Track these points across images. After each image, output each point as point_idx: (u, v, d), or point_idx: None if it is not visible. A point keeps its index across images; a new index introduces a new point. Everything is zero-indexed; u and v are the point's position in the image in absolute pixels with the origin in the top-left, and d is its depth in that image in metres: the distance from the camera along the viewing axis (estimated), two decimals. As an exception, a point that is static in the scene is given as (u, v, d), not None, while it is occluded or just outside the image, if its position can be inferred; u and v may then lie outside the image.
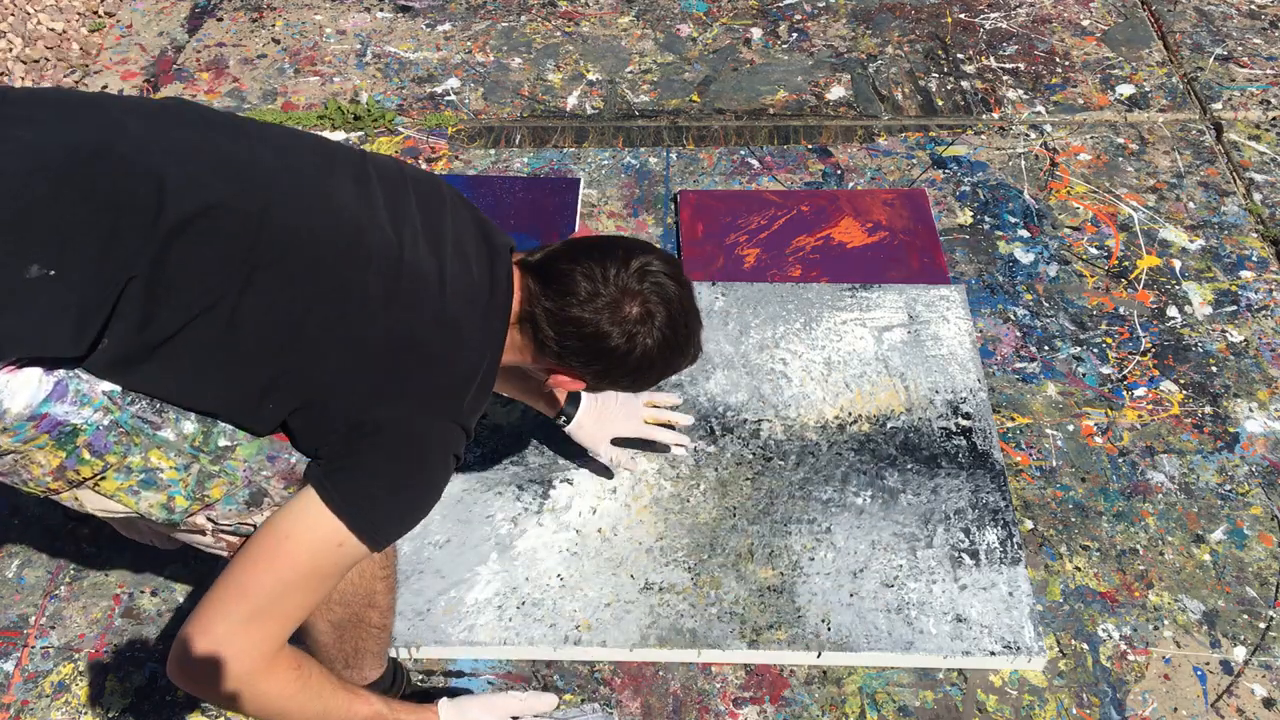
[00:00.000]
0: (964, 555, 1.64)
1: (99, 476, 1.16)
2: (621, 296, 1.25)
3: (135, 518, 1.21)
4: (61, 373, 1.11)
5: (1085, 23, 2.78)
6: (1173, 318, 2.05)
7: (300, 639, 1.28)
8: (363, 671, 1.40)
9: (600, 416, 1.67)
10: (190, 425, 1.19)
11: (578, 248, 1.30)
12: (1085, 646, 1.59)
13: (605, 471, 1.75)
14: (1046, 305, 2.07)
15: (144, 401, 1.16)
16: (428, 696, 1.45)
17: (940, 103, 2.55)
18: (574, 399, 1.65)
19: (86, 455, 1.14)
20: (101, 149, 1.12)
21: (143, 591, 1.66)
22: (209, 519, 1.23)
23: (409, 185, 1.30)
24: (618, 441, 1.69)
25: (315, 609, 1.23)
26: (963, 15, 2.82)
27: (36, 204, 1.07)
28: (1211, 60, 2.64)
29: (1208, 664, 1.57)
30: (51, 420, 1.11)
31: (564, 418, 1.65)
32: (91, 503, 1.19)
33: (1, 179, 1.07)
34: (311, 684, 1.21)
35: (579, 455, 1.75)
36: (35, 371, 1.09)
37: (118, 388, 1.15)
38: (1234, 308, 2.07)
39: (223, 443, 1.21)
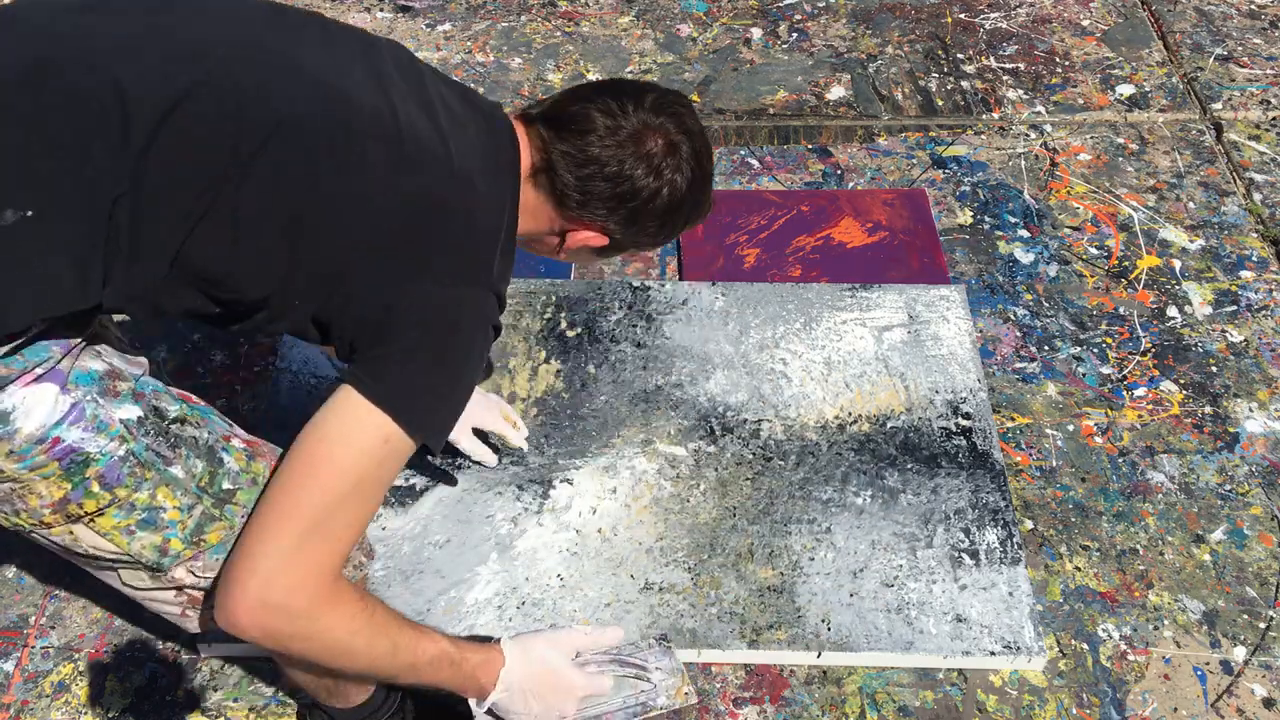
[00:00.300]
0: (964, 555, 1.64)
1: (99, 512, 1.06)
2: (643, 130, 1.18)
3: (120, 560, 1.12)
4: (79, 394, 1.03)
5: (1085, 23, 2.79)
6: (1173, 318, 2.05)
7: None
8: (347, 697, 1.34)
9: None
10: (199, 464, 1.11)
11: (585, 88, 1.23)
12: (1085, 646, 1.59)
13: (605, 472, 1.75)
14: (1046, 305, 2.07)
15: (155, 433, 1.08)
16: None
17: (940, 103, 2.55)
18: None
19: (95, 488, 1.05)
20: (39, 64, 1.00)
21: (143, 591, 1.66)
22: (190, 570, 1.13)
23: (380, 48, 1.19)
24: (478, 433, 1.67)
25: (365, 528, 1.13)
26: (963, 15, 2.82)
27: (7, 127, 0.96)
28: (1211, 60, 2.64)
29: (1208, 664, 1.57)
30: (64, 446, 1.02)
31: None
32: (86, 541, 1.08)
33: None
34: (378, 618, 1.11)
35: (580, 455, 1.75)
36: (52, 389, 1.01)
37: (134, 415, 1.06)
38: (1234, 308, 2.07)
39: (226, 485, 1.12)
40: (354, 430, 1.06)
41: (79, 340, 1.06)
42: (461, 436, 1.64)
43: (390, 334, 1.08)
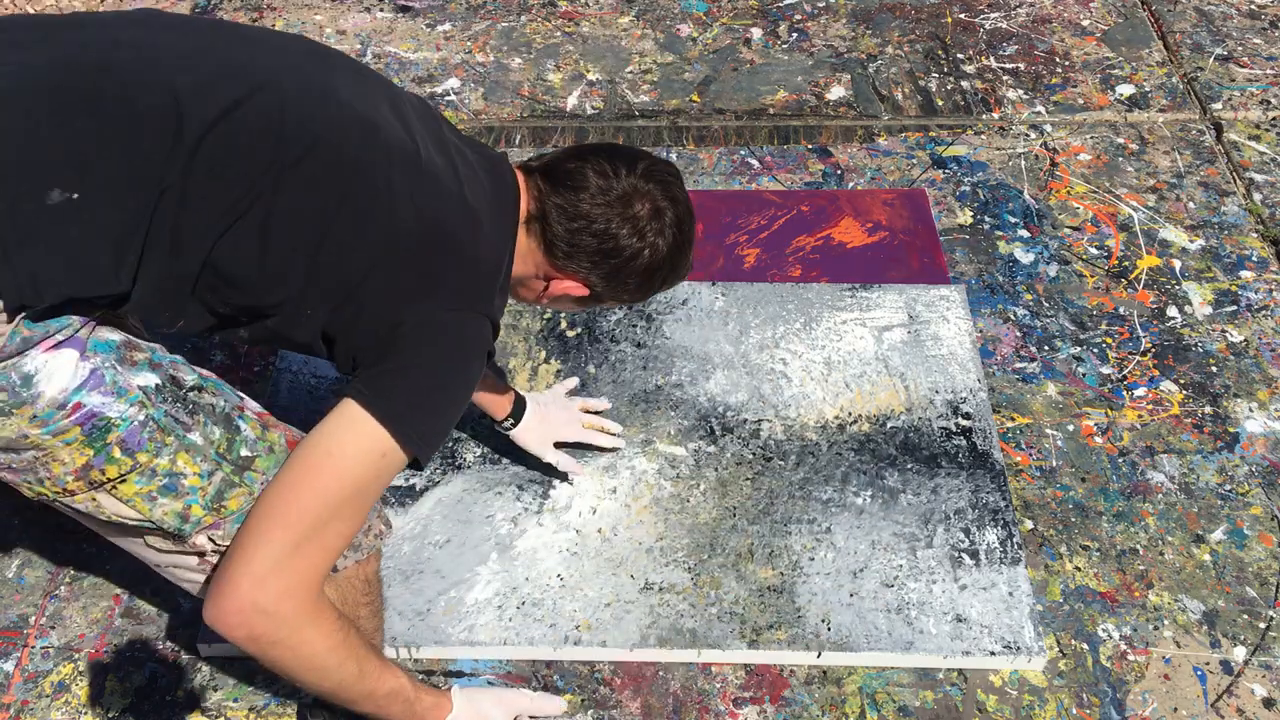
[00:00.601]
0: (964, 555, 1.64)
1: (121, 479, 1.10)
2: (632, 193, 1.25)
3: (143, 526, 1.16)
4: (98, 360, 1.07)
5: (1085, 23, 2.79)
6: (1173, 318, 2.05)
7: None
8: None
9: (544, 421, 1.69)
10: (217, 430, 1.15)
11: (584, 148, 1.31)
12: (1085, 646, 1.59)
13: (605, 472, 1.75)
14: (1046, 305, 2.07)
15: (173, 400, 1.12)
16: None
17: (940, 103, 2.55)
18: (519, 407, 1.66)
19: (117, 453, 1.09)
20: (100, 63, 1.07)
21: (143, 591, 1.65)
22: (210, 538, 1.18)
23: (403, 95, 1.29)
24: (561, 445, 1.71)
25: (349, 542, 1.18)
26: (963, 15, 2.82)
27: (44, 125, 1.01)
28: (1211, 60, 2.64)
29: (1208, 664, 1.57)
30: (86, 411, 1.06)
31: (510, 421, 1.66)
32: (109, 509, 1.13)
33: (1, 103, 1.02)
34: (352, 640, 1.16)
35: (579, 454, 1.75)
36: (72, 354, 1.05)
37: (152, 382, 1.11)
38: (1234, 308, 2.07)
39: (244, 452, 1.17)
40: (354, 442, 1.11)
41: (98, 313, 1.10)
42: (545, 451, 1.69)
43: (395, 351, 1.14)
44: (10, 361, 1.02)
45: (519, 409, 1.67)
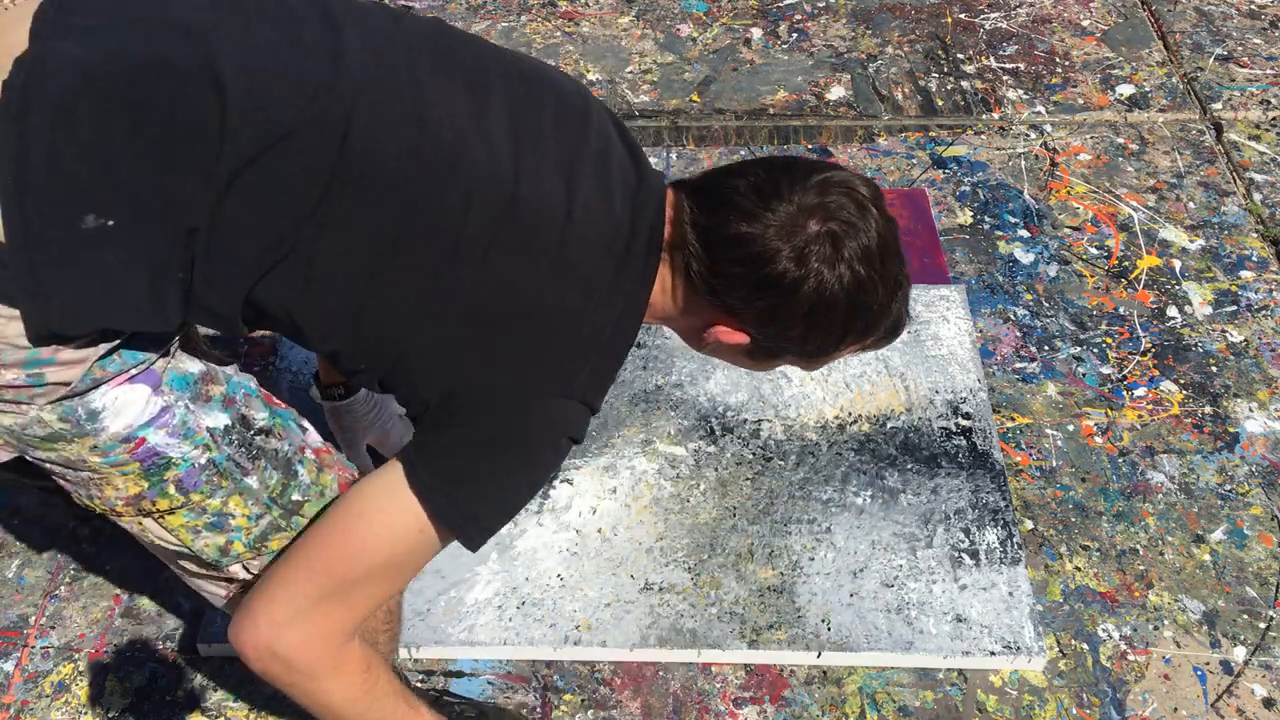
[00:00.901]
0: (964, 555, 1.64)
1: (170, 511, 1.06)
2: (799, 213, 0.99)
3: (180, 553, 1.12)
4: (171, 398, 1.01)
5: (1085, 23, 2.79)
6: (1173, 318, 2.05)
7: None
8: None
9: (378, 410, 1.51)
10: (275, 476, 1.09)
11: (750, 162, 1.06)
12: (1085, 646, 1.59)
13: (605, 471, 1.75)
14: (1046, 305, 2.07)
15: (239, 444, 1.05)
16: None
17: (940, 103, 2.55)
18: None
19: (171, 490, 1.04)
20: (154, 60, 0.92)
21: (143, 591, 1.66)
22: (245, 567, 1.14)
23: (546, 88, 1.07)
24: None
25: (387, 600, 1.11)
26: (963, 15, 2.82)
27: (83, 134, 0.89)
28: (1211, 60, 2.64)
29: (1208, 664, 1.57)
30: (149, 448, 1.00)
31: (340, 391, 1.49)
32: (153, 532, 1.08)
33: (42, 107, 0.89)
34: (377, 691, 1.09)
35: (579, 455, 1.75)
36: (144, 390, 0.99)
37: (222, 424, 1.04)
38: (1234, 308, 2.07)
39: (296, 497, 1.11)
40: (391, 511, 1.01)
41: (173, 341, 1.04)
42: (354, 445, 1.54)
43: (448, 427, 1.01)
44: (79, 398, 0.97)
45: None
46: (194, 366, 1.05)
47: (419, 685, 1.54)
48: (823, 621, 1.57)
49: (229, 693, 1.54)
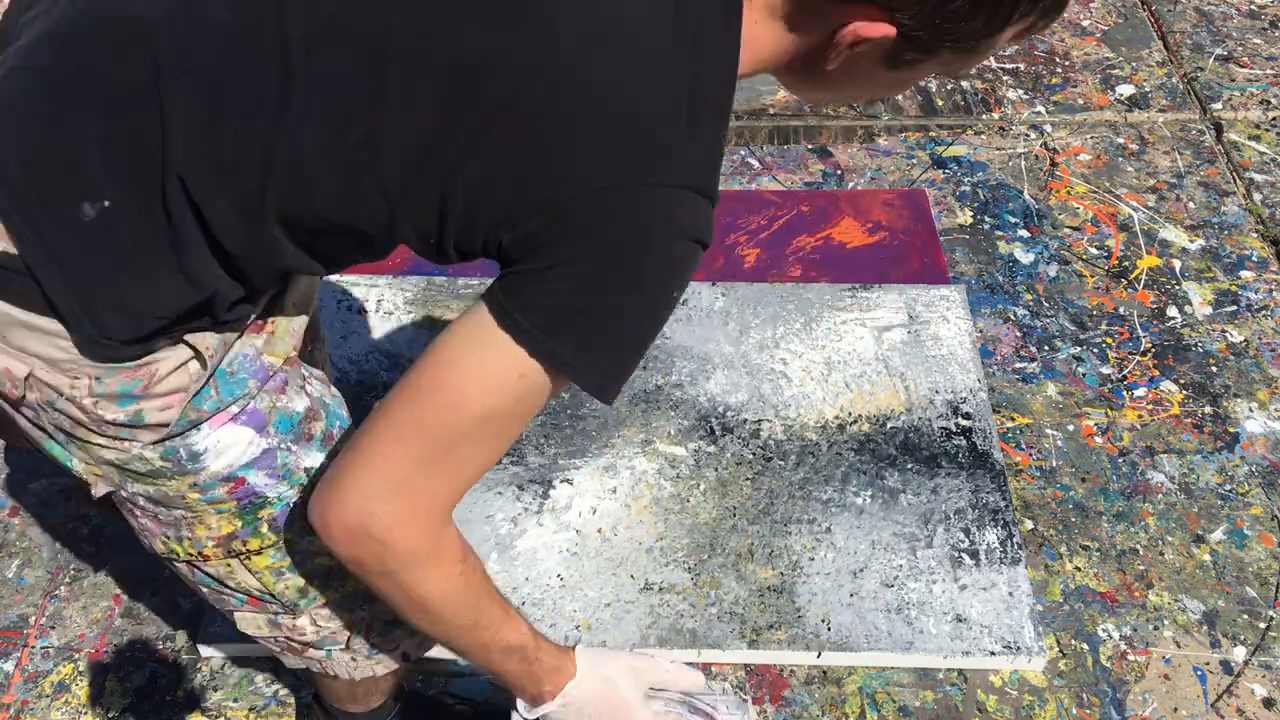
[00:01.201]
0: (964, 555, 1.64)
1: (259, 550, 1.01)
2: None
3: (262, 597, 1.07)
4: (275, 440, 0.97)
5: (1085, 23, 2.79)
6: (1173, 318, 2.05)
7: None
8: (368, 704, 1.32)
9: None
10: None
11: None
12: (1085, 646, 1.59)
13: (605, 471, 1.75)
14: (1046, 305, 2.07)
15: None
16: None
17: (940, 103, 2.55)
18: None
19: (264, 529, 1.00)
20: (82, 25, 0.85)
21: (143, 591, 1.66)
22: (314, 620, 1.08)
23: None
24: None
25: (492, 465, 0.97)
26: (963, 15, 2.81)
27: (46, 123, 0.83)
28: (1211, 60, 2.64)
29: (1208, 664, 1.57)
30: (247, 489, 0.97)
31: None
32: (240, 576, 1.04)
33: (8, 110, 0.84)
34: (474, 585, 0.98)
35: (580, 455, 1.75)
36: (248, 433, 0.96)
37: (319, 464, 0.99)
38: (1234, 308, 2.07)
39: None
40: (482, 357, 0.85)
41: (280, 372, 0.97)
42: None
43: (540, 248, 0.82)
44: (180, 438, 0.93)
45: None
46: (300, 405, 1.00)
47: (419, 685, 1.54)
48: (823, 621, 1.57)
49: (229, 693, 1.54)
